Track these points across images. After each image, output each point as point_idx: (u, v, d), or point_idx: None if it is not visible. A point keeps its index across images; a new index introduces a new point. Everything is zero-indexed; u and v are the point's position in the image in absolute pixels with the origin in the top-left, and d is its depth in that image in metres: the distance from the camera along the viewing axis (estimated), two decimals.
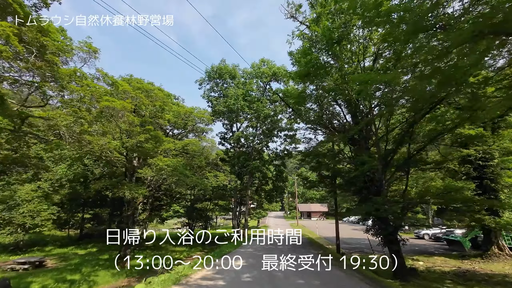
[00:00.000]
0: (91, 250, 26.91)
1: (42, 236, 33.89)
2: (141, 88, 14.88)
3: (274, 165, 26.60)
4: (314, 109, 17.31)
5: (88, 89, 8.45)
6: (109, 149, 12.23)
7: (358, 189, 15.99)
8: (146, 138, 13.68)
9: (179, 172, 14.16)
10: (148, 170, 14.38)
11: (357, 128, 12.85)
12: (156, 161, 13.91)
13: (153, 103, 14.86)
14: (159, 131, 15.16)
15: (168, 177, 14.92)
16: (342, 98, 16.31)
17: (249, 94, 25.91)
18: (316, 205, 75.93)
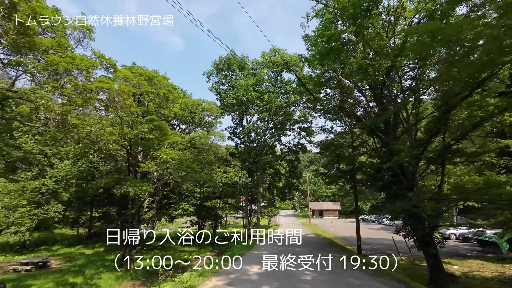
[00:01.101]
0: (98, 249, 26.07)
1: (53, 235, 33.52)
2: (143, 75, 13.58)
3: (287, 160, 24.98)
4: (334, 96, 15.60)
5: (72, 61, 7.16)
6: (106, 139, 10.95)
7: (385, 185, 14.22)
8: (149, 129, 12.36)
9: (185, 166, 12.78)
10: (152, 164, 13.07)
11: (389, 113, 11.08)
12: (160, 153, 12.58)
13: (156, 91, 13.54)
14: (164, 122, 13.86)
15: (173, 172, 13.58)
16: (367, 82, 14.55)
17: (260, 85, 24.31)
18: (328, 203, 73.79)
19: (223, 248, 28.99)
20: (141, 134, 12.33)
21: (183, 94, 21.83)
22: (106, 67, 10.87)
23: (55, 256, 23.18)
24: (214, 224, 30.66)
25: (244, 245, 17.96)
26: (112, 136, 11.11)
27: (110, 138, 11.13)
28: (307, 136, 23.53)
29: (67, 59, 7.03)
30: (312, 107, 18.44)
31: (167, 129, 14.00)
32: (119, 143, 12.11)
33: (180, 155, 13.35)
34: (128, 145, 15.01)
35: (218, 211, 30.25)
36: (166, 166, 13.00)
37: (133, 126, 12.41)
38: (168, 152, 12.69)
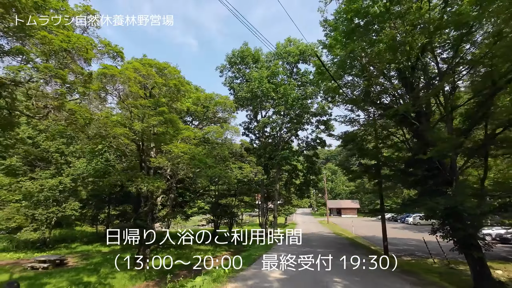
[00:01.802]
0: (115, 248, 26.06)
1: (73, 232, 34.18)
2: (153, 65, 12.89)
3: (305, 155, 23.72)
4: (358, 83, 14.22)
5: (67, 39, 6.42)
6: (114, 133, 10.33)
7: (418, 180, 12.72)
8: (160, 122, 11.64)
9: (197, 160, 11.97)
10: (163, 159, 12.36)
11: (430, 94, 9.68)
12: (171, 147, 11.84)
13: (167, 82, 12.80)
14: (175, 115, 13.12)
15: (185, 167, 12.81)
16: (395, 66, 13.11)
17: (275, 77, 23.14)
18: (347, 201, 71.49)
19: (239, 247, 28.23)
20: (151, 128, 11.64)
21: (195, 89, 21.14)
22: (112, 55, 10.19)
23: (73, 253, 23.31)
24: (230, 222, 29.91)
25: (262, 245, 17.00)
26: (121, 130, 10.48)
27: (118, 132, 10.50)
28: (326, 130, 22.15)
29: (61, 37, 6.31)
30: (332, 96, 17.09)
31: (179, 122, 13.25)
32: (128, 137, 11.48)
33: (193, 150, 12.55)
34: (140, 140, 14.43)
35: (234, 209, 29.46)
36: (177, 161, 12.24)
37: (143, 120, 11.74)
38: (179, 146, 11.92)
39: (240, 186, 27.56)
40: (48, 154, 23.01)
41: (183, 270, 18.32)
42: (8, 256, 21.15)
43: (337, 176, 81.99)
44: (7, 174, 22.19)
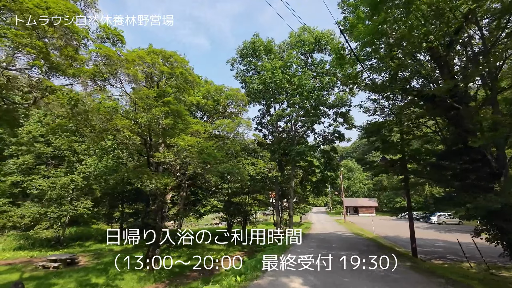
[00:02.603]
0: (127, 246, 25.74)
1: (88, 230, 34.36)
2: (159, 54, 11.98)
3: (322, 151, 22.27)
4: (384, 66, 12.66)
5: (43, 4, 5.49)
6: (115, 125, 9.48)
7: (456, 174, 11.08)
8: (165, 113, 10.72)
9: (206, 154, 10.96)
10: (168, 153, 11.43)
11: (478, 71, 8.14)
12: (177, 140, 10.89)
13: (173, 71, 11.86)
14: (182, 106, 12.16)
15: (192, 161, 11.82)
16: (428, 44, 11.49)
17: (289, 69, 21.76)
18: (364, 199, 68.91)
19: (253, 247, 27.20)
20: (157, 121, 10.74)
21: (205, 81, 20.21)
22: (113, 41, 9.32)
23: (86, 252, 23.12)
24: (243, 221, 28.91)
25: (277, 247, 15.82)
26: (123, 121, 9.64)
27: (120, 124, 9.66)
28: (345, 122, 20.58)
29: (35, 1, 5.40)
30: (352, 83, 15.53)
31: (186, 113, 12.30)
32: (132, 130, 10.63)
33: (201, 143, 11.56)
34: (148, 135, 13.63)
35: (247, 208, 28.43)
36: (184, 155, 11.29)
37: (147, 111, 10.87)
38: (186, 139, 10.96)
39: (253, 183, 26.48)
40: (60, 152, 22.86)
41: (194, 271, 17.55)
42: (22, 254, 21.17)
43: (354, 174, 79.32)
44: (21, 172, 22.23)
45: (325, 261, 9.98)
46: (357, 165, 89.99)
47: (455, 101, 11.19)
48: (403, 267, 9.31)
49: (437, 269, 11.69)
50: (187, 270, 17.36)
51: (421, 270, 9.20)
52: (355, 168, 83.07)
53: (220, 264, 20.66)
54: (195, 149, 11.07)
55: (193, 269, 17.95)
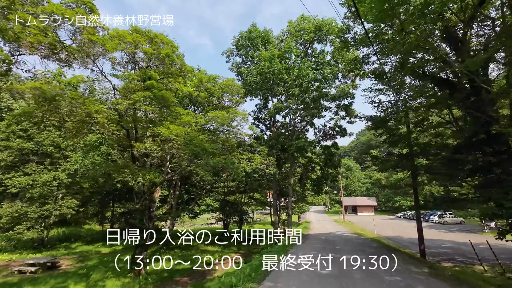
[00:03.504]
0: (116, 248, 24.27)
1: (78, 231, 32.71)
2: (142, 33, 10.59)
3: (323, 146, 21.01)
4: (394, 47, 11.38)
5: None
6: (87, 110, 8.11)
7: (476, 169, 9.87)
8: (147, 98, 9.35)
9: (194, 145, 9.58)
10: (151, 144, 10.02)
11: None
12: (161, 129, 9.50)
13: (158, 52, 10.47)
14: (168, 92, 10.77)
15: (178, 153, 10.43)
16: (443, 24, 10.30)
17: (287, 60, 20.40)
18: (363, 198, 67.91)
19: (250, 247, 25.87)
20: (138, 107, 9.37)
21: (197, 70, 18.85)
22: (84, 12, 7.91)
23: (70, 254, 21.64)
24: (239, 220, 27.57)
25: (276, 248, 14.53)
26: (96, 107, 8.27)
27: (93, 109, 8.29)
28: (347, 116, 19.31)
29: None
30: (355, 74, 14.28)
31: (173, 100, 10.89)
32: (109, 118, 9.25)
33: (190, 133, 10.19)
34: (132, 126, 12.22)
35: (243, 207, 27.07)
36: (168, 146, 9.91)
37: (128, 96, 9.51)
38: (171, 127, 9.59)
39: (250, 181, 25.13)
40: (42, 148, 21.32)
41: (185, 275, 16.19)
42: (1, 257, 19.64)
43: (352, 173, 78.33)
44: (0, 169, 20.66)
45: (332, 269, 8.71)
46: (355, 163, 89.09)
47: (474, 86, 9.99)
48: (423, 275, 8.05)
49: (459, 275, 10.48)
50: (177, 275, 16.00)
51: (444, 277, 7.93)
52: (353, 167, 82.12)
53: (215, 266, 19.40)
54: (181, 139, 9.70)
55: (184, 273, 16.64)
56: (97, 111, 8.64)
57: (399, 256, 12.41)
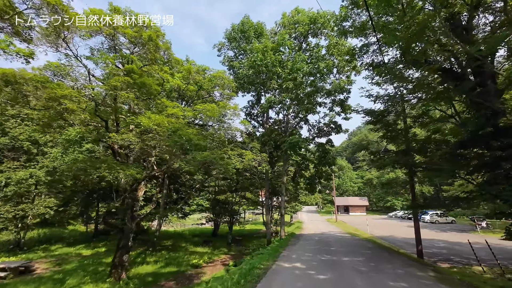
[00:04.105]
0: (99, 250, 22.91)
1: (60, 232, 30.99)
2: (121, 13, 9.53)
3: (317, 143, 20.27)
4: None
5: None
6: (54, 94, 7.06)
7: (483, 164, 9.23)
8: (127, 84, 8.31)
9: (178, 136, 8.57)
10: (128, 135, 8.94)
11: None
12: (141, 119, 8.48)
13: (139, 34, 9.42)
14: (150, 79, 9.72)
15: (159, 145, 9.38)
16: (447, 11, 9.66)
17: (281, 51, 19.57)
18: (354, 198, 67.86)
19: (241, 249, 24.95)
20: (113, 92, 8.30)
21: (186, 60, 17.79)
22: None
23: (49, 257, 20.19)
24: (230, 220, 26.59)
25: (268, 250, 13.64)
26: (65, 91, 7.21)
27: (60, 93, 7.22)
28: (343, 112, 18.62)
29: None
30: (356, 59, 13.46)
31: (156, 88, 9.86)
32: (81, 105, 8.17)
33: (173, 123, 9.17)
34: (113, 118, 11.12)
35: (234, 206, 26.11)
36: (148, 136, 8.88)
37: (105, 81, 8.46)
38: (152, 117, 8.57)
39: (241, 180, 24.20)
40: (18, 143, 19.83)
41: (171, 279, 15.12)
42: None
43: (344, 172, 78.39)
44: None
45: (331, 274, 7.89)
46: (347, 163, 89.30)
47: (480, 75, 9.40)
48: (430, 280, 7.32)
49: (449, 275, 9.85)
50: (162, 279, 14.92)
51: (454, 283, 7.22)
52: (345, 166, 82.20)
53: (203, 269, 18.38)
54: (163, 130, 8.70)
55: (169, 278, 15.57)
56: (66, 96, 7.56)
57: (398, 257, 11.76)
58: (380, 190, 70.43)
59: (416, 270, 8.50)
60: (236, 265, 15.70)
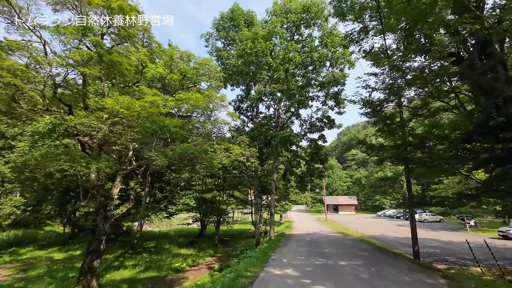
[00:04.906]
0: (74, 253, 21.05)
1: (33, 234, 28.65)
2: None
3: (309, 139, 19.27)
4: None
5: None
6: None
7: (493, 158, 8.40)
8: (89, 57, 6.91)
9: (150, 122, 7.22)
10: (89, 118, 7.48)
11: None
12: (106, 101, 7.09)
13: (108, 4, 7.98)
14: (123, 57, 8.34)
15: (126, 132, 7.97)
16: None
17: (272, 41, 18.39)
18: (344, 197, 67.77)
19: (228, 250, 23.70)
20: (70, 66, 6.89)
21: (168, 45, 16.32)
22: None
23: (14, 262, 18.25)
24: (217, 220, 25.25)
25: (256, 252, 12.47)
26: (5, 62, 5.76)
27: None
28: (336, 106, 17.68)
29: None
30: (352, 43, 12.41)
31: (129, 68, 8.47)
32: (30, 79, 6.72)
33: (146, 107, 7.78)
34: (81, 106, 9.62)
35: (222, 206, 24.79)
36: (113, 121, 7.48)
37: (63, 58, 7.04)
38: (121, 99, 7.18)
39: (229, 177, 22.93)
40: None
41: (148, 286, 13.69)
42: None
43: (334, 171, 78.35)
44: None
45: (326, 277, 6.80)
46: (337, 163, 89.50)
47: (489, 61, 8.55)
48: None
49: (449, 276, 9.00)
50: (139, 285, 13.48)
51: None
52: (335, 166, 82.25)
53: (186, 273, 17.02)
54: (133, 114, 7.33)
55: (148, 283, 14.14)
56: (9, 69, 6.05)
57: (398, 260, 10.84)
58: (368, 189, 70.84)
59: (423, 277, 7.55)
60: (222, 268, 14.47)
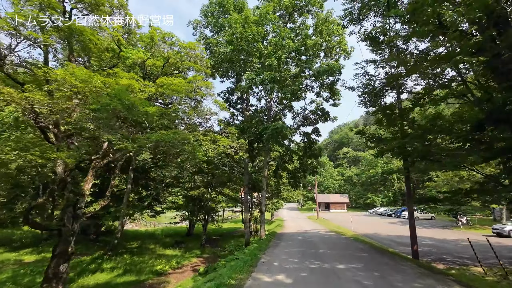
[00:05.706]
0: (47, 255, 19.38)
1: (13, 233, 26.68)
2: None
3: (302, 133, 18.23)
4: None
5: None
6: None
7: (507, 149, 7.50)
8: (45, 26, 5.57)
9: (116, 101, 5.92)
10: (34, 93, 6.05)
11: None
12: (57, 72, 5.76)
13: None
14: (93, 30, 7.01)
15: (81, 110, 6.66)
16: None
17: (264, 28, 17.20)
18: (335, 195, 67.51)
19: (215, 250, 22.48)
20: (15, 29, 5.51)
21: (148, 25, 14.88)
22: None
23: None
24: (205, 219, 23.98)
25: (245, 253, 11.33)
26: None
27: None
28: (331, 97, 16.68)
29: None
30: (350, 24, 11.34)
31: (93, 40, 7.14)
32: None
33: (111, 83, 6.47)
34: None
35: (210, 203, 23.52)
36: (61, 94, 6.10)
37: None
38: (77, 71, 5.85)
39: (217, 173, 21.68)
40: None
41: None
42: None
43: (325, 169, 78.04)
44: None
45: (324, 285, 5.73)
46: (329, 161, 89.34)
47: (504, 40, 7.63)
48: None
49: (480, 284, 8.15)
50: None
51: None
52: (327, 163, 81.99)
53: (169, 277, 15.74)
54: (91, 89, 5.99)
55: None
56: None
57: (402, 263, 9.87)
58: (360, 187, 70.80)
59: (435, 283, 6.58)
60: (207, 271, 13.27)
